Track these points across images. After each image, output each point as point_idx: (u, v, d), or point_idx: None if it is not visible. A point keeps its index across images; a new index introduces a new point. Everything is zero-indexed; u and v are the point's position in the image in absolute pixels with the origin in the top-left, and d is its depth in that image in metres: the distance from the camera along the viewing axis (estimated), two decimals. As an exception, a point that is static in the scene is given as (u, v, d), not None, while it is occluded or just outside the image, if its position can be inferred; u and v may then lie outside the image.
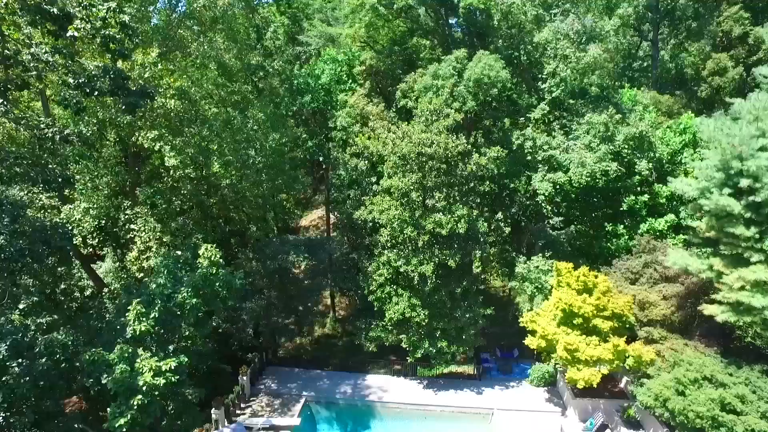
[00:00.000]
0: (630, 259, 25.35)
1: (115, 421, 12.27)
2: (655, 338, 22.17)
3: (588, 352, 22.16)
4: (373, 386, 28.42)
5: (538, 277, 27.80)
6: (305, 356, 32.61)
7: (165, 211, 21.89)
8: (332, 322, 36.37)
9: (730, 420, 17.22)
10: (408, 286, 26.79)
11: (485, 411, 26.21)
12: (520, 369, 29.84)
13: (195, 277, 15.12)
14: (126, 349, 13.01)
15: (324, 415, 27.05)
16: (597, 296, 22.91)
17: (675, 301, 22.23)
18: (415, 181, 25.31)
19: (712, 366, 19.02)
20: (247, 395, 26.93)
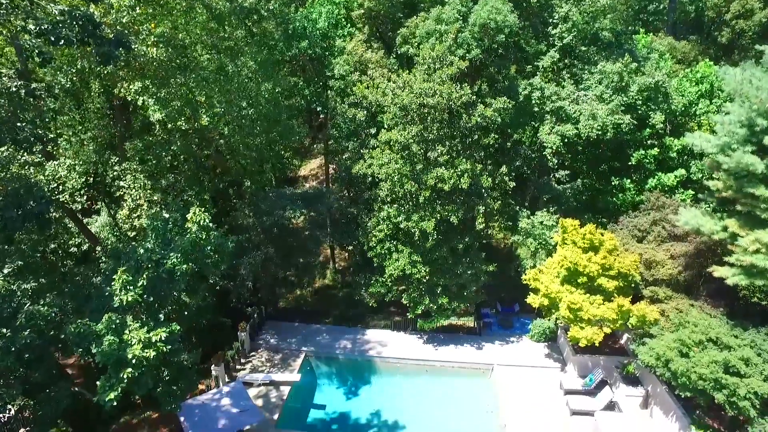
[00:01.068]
0: (638, 216, 24.54)
1: (105, 394, 11.92)
2: (660, 298, 21.73)
3: (591, 312, 21.82)
4: (372, 341, 28.43)
5: (542, 232, 27.11)
6: (305, 307, 32.60)
7: (155, 166, 20.86)
8: (332, 274, 36.17)
9: (733, 382, 17.00)
10: (408, 242, 26.18)
11: (485, 366, 26.29)
12: (521, 324, 29.76)
13: (184, 242, 14.37)
14: (114, 320, 12.45)
15: (324, 370, 27.19)
16: (603, 255, 22.29)
17: (683, 260, 21.62)
18: (416, 133, 24.09)
19: (717, 328, 18.65)
20: (246, 350, 26.98)
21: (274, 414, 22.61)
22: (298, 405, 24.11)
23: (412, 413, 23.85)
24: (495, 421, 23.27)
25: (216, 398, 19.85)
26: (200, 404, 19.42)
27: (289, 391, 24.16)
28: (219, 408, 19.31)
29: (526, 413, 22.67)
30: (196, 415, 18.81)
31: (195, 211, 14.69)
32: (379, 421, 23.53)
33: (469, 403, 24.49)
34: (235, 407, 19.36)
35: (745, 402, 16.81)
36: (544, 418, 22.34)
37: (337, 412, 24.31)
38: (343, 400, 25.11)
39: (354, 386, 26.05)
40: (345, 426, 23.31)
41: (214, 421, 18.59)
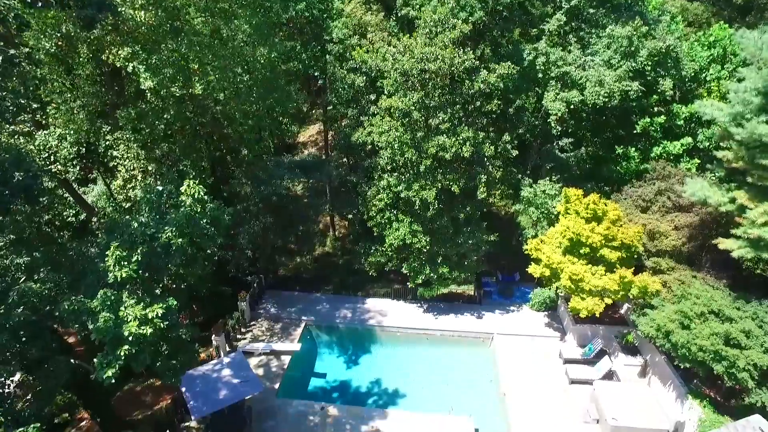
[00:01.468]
0: (642, 186, 24.07)
1: (103, 372, 11.80)
2: (662, 269, 21.53)
3: (593, 283, 21.66)
4: (373, 310, 28.47)
5: (545, 202, 26.72)
6: (306, 275, 32.60)
7: (149, 135, 20.25)
8: (332, 241, 36.02)
9: (733, 354, 16.96)
10: (409, 212, 25.83)
11: (485, 335, 26.39)
12: (521, 292, 29.75)
13: (179, 215, 13.99)
14: (109, 296, 12.22)
15: (324, 339, 27.31)
16: (606, 225, 21.96)
17: (687, 231, 21.30)
18: (417, 100, 23.37)
19: (720, 300, 18.49)
20: (247, 320, 27.04)
21: (275, 383, 22.81)
22: (298, 374, 24.29)
23: (412, 382, 24.06)
24: (494, 389, 23.49)
25: (217, 369, 19.92)
26: (201, 375, 19.50)
27: (290, 360, 24.31)
28: (220, 378, 19.40)
29: (525, 382, 22.85)
30: (197, 386, 18.91)
31: (189, 183, 14.24)
32: (379, 390, 23.75)
33: (469, 372, 24.67)
34: (235, 378, 19.44)
35: (744, 373, 16.83)
36: (543, 387, 22.53)
37: (337, 381, 24.53)
38: (344, 369, 25.30)
39: (354, 355, 26.21)
40: (345, 394, 23.53)
41: (215, 392, 18.70)
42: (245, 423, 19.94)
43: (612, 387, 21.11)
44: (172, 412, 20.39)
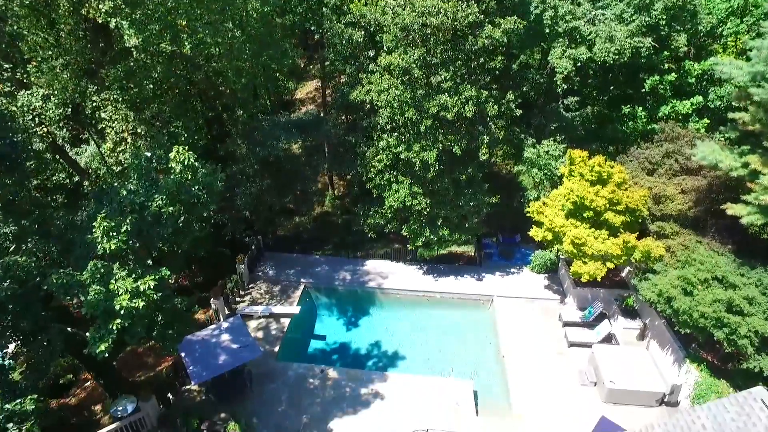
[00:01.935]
0: (650, 147, 23.33)
1: (96, 346, 11.58)
2: (666, 233, 21.13)
3: (596, 247, 21.31)
4: (372, 272, 28.35)
5: (548, 163, 26.05)
6: (305, 235, 32.41)
7: (137, 95, 19.34)
8: (331, 200, 35.65)
9: (735, 321, 16.81)
10: (409, 173, 25.22)
11: (485, 298, 26.34)
12: (522, 254, 29.55)
13: (169, 182, 13.43)
14: (99, 268, 11.85)
15: (323, 301, 27.31)
16: (611, 189, 21.40)
17: (693, 195, 20.76)
18: (418, 57, 22.29)
19: (724, 266, 18.19)
20: (245, 283, 26.94)
21: (274, 346, 22.91)
22: (298, 337, 24.39)
23: (412, 344, 24.19)
24: (494, 352, 23.62)
25: (215, 334, 19.89)
26: (200, 340, 19.48)
27: (289, 323, 24.34)
28: (219, 344, 19.39)
29: (524, 345, 22.94)
30: (196, 351, 18.93)
31: (178, 150, 13.58)
32: (378, 352, 23.90)
33: (468, 334, 24.76)
34: (234, 343, 19.43)
35: (745, 340, 16.73)
36: (542, 350, 22.62)
37: (337, 343, 24.65)
38: (343, 332, 25.40)
39: (354, 317, 26.26)
40: (345, 357, 23.69)
41: (214, 357, 18.73)
42: (245, 386, 20.11)
43: (610, 350, 21.18)
44: (172, 376, 20.55)
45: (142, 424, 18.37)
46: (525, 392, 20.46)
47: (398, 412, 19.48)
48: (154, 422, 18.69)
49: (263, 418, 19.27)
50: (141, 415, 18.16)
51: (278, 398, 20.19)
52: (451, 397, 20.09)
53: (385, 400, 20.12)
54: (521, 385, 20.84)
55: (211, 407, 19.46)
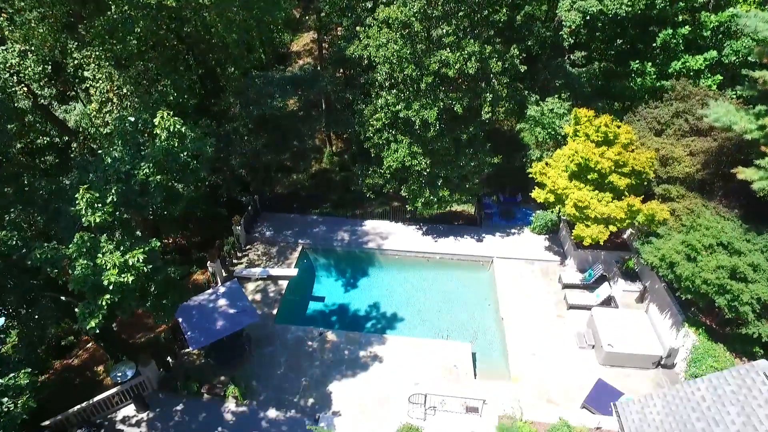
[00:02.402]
0: (659, 106, 22.38)
1: (86, 322, 11.28)
2: (672, 196, 20.58)
3: (599, 210, 20.84)
4: (371, 232, 28.02)
5: (552, 121, 25.15)
6: (302, 192, 31.97)
7: (121, 51, 18.24)
8: (329, 157, 34.98)
9: (738, 288, 16.56)
10: (408, 132, 24.38)
11: (485, 259, 26.13)
12: (523, 214, 29.16)
13: (155, 149, 12.74)
14: (85, 240, 11.38)
15: (322, 262, 27.11)
16: (617, 150, 20.67)
17: (702, 158, 20.05)
18: (418, 9, 20.99)
19: (731, 232, 17.76)
20: (242, 244, 26.66)
21: (272, 309, 22.85)
22: (296, 299, 24.33)
23: (411, 306, 24.18)
24: (493, 313, 23.62)
25: (212, 299, 19.73)
26: (197, 305, 19.34)
27: (287, 285, 24.21)
28: (216, 309, 19.26)
29: (523, 307, 22.89)
30: (194, 317, 18.82)
31: (162, 115, 12.79)
32: (377, 314, 23.90)
33: (468, 295, 24.71)
34: (232, 308, 19.30)
35: (746, 307, 16.54)
36: (541, 312, 22.59)
37: (335, 305, 24.62)
38: (342, 293, 25.33)
39: (352, 279, 26.14)
40: (344, 319, 23.70)
41: (211, 322, 18.64)
42: (244, 350, 20.16)
43: (609, 313, 21.11)
44: (171, 339, 20.56)
45: (143, 387, 18.50)
46: (523, 355, 20.54)
47: (397, 374, 19.60)
48: (154, 386, 18.84)
49: (263, 381, 19.41)
50: (141, 378, 18.27)
51: (277, 361, 20.28)
52: (450, 359, 20.18)
53: (383, 363, 20.22)
54: (520, 347, 20.90)
55: (210, 370, 19.58)
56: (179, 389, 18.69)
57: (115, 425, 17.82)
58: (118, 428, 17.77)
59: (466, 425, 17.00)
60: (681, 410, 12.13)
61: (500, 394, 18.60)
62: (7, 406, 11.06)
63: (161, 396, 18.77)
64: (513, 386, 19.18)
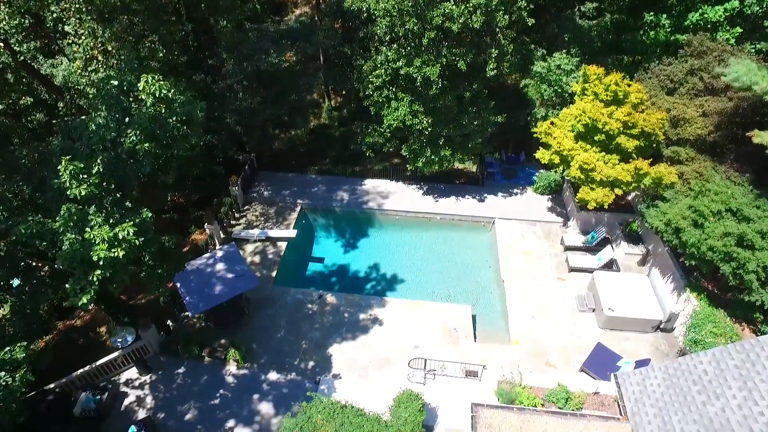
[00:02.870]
0: (673, 63, 21.29)
1: (77, 298, 10.99)
2: (681, 159, 19.92)
3: (605, 172, 20.25)
4: (371, 192, 27.54)
5: (559, 78, 24.13)
6: (301, 148, 31.29)
7: (102, 3, 17.04)
8: (327, 111, 34.06)
9: (744, 256, 16.22)
10: (409, 89, 23.41)
11: (486, 220, 25.78)
12: (526, 174, 28.58)
13: (141, 116, 12.02)
14: (73, 213, 10.90)
15: (321, 222, 26.78)
16: (627, 110, 19.84)
17: (715, 119, 19.22)
18: (421, -44, 19.60)
19: (740, 198, 17.23)
20: (240, 204, 26.23)
21: (271, 271, 22.71)
22: (295, 261, 24.15)
23: (411, 267, 24.04)
24: (493, 275, 23.51)
25: (210, 263, 19.51)
26: (195, 270, 19.14)
27: (286, 246, 23.97)
28: (214, 273, 19.07)
29: (524, 269, 22.72)
30: (192, 282, 18.66)
31: (147, 79, 11.96)
32: (377, 275, 23.79)
33: (468, 257, 24.54)
34: (230, 272, 19.11)
35: (752, 275, 16.25)
36: (542, 275, 22.44)
37: (335, 266, 24.49)
38: (341, 254, 25.14)
39: (352, 240, 25.90)
40: (343, 280, 23.62)
41: (210, 287, 18.49)
42: (244, 313, 20.16)
43: (610, 277, 20.92)
44: (171, 302, 20.50)
45: (144, 351, 18.60)
46: (523, 317, 20.53)
47: (397, 337, 19.66)
48: (155, 349, 18.93)
49: (263, 344, 19.50)
50: (142, 342, 18.32)
51: (277, 324, 20.31)
52: (450, 322, 20.20)
53: (383, 326, 20.26)
54: (520, 309, 20.87)
55: (210, 333, 19.64)
56: (180, 353, 18.79)
57: (119, 387, 18.03)
58: (121, 390, 17.99)
59: (466, 390, 17.17)
60: (682, 383, 12.09)
61: (500, 358, 18.70)
62: (4, 380, 10.97)
63: (163, 359, 18.91)
64: (513, 349, 19.26)
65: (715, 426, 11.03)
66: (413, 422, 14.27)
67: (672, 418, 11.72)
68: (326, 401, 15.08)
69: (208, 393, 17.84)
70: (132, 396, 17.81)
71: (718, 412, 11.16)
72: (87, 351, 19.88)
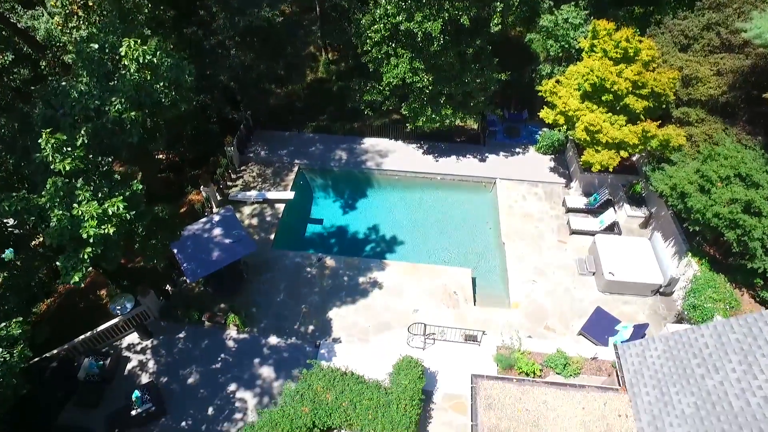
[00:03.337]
0: (689, 17, 20.17)
1: (69, 277, 10.69)
2: (690, 120, 19.25)
3: (611, 134, 19.62)
4: (370, 151, 26.92)
5: (566, 33, 23.01)
6: (298, 104, 30.39)
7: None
8: (324, 65, 32.88)
9: (751, 224, 15.92)
10: (410, 45, 22.35)
11: (487, 180, 25.31)
12: (528, 132, 27.87)
13: (125, 82, 11.30)
14: (59, 187, 10.43)
15: (319, 183, 26.29)
16: (637, 69, 18.97)
17: (730, 78, 18.40)
18: None
19: (750, 163, 16.72)
20: (236, 165, 25.65)
21: (269, 234, 22.47)
22: (293, 223, 23.85)
23: (410, 229, 23.80)
24: (494, 237, 23.30)
25: (207, 228, 19.20)
26: (192, 235, 18.85)
27: (284, 208, 23.62)
28: (211, 239, 18.79)
29: (525, 231, 22.49)
30: (189, 247, 18.40)
31: (130, 44, 11.13)
32: (376, 237, 23.58)
33: (469, 218, 24.25)
34: (227, 237, 18.82)
35: (756, 243, 16.02)
36: (543, 237, 22.23)
37: (334, 228, 24.23)
38: (340, 215, 24.82)
39: (351, 200, 25.51)
40: (342, 243, 23.41)
41: (207, 253, 18.25)
42: (243, 277, 20.07)
43: (612, 240, 20.71)
44: (169, 266, 20.34)
45: (144, 317, 18.63)
46: (523, 280, 20.47)
47: (396, 301, 19.67)
48: (155, 314, 18.95)
49: (262, 308, 19.51)
50: (142, 308, 18.31)
51: (276, 288, 20.27)
52: (450, 285, 20.15)
53: (383, 289, 20.22)
54: (520, 272, 20.79)
55: (210, 298, 19.61)
56: (180, 318, 18.83)
57: (121, 353, 18.16)
58: (124, 355, 18.13)
59: (465, 355, 17.31)
60: (682, 355, 12.08)
61: (499, 321, 18.77)
62: (2, 356, 10.89)
63: (163, 324, 18.96)
64: (512, 312, 19.30)
65: (713, 398, 11.09)
66: (413, 389, 14.43)
67: (670, 390, 11.79)
68: (326, 368, 15.20)
69: (209, 357, 18.00)
70: (134, 360, 17.98)
71: (717, 385, 11.19)
72: (88, 314, 19.96)
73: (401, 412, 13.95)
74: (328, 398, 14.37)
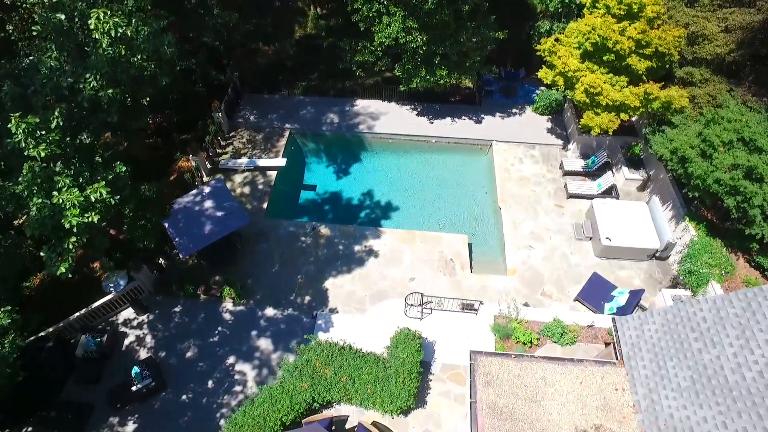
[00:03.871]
0: (698, -31, 19.09)
1: (55, 268, 10.28)
2: (694, 80, 18.58)
3: (612, 96, 18.97)
4: (362, 113, 26.14)
5: (568, -14, 21.83)
6: (287, 62, 29.24)
7: None
8: (313, 20, 31.48)
9: (751, 191, 15.65)
10: (402, 3, 21.21)
11: (483, 142, 24.75)
12: (525, 91, 27.07)
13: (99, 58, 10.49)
14: (37, 173, 9.86)
15: (311, 147, 25.61)
16: (641, 27, 18.10)
17: (738, 35, 17.60)
18: None
19: (754, 126, 16.25)
20: (225, 131, 24.85)
21: (262, 203, 22.02)
22: (286, 190, 23.37)
23: (405, 194, 23.43)
24: (490, 201, 23.00)
25: (198, 201, 18.73)
26: (182, 208, 18.40)
27: (276, 176, 23.08)
28: (203, 212, 18.37)
29: (522, 195, 22.19)
30: (180, 221, 17.99)
31: (99, 15, 10.17)
32: (371, 203, 23.22)
33: (464, 182, 23.87)
34: (219, 210, 18.40)
35: (756, 210, 15.83)
36: (540, 201, 21.97)
37: (327, 194, 23.79)
38: (333, 181, 24.33)
39: (344, 165, 24.95)
40: (337, 209, 23.04)
41: (199, 227, 17.88)
42: (236, 249, 19.80)
43: (609, 205, 20.46)
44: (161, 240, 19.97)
45: (139, 291, 18.44)
46: (520, 246, 20.35)
47: (392, 269, 19.54)
48: (150, 288, 18.76)
49: (257, 279, 19.35)
50: (136, 283, 18.09)
51: (270, 258, 20.04)
52: (446, 251, 20.01)
53: (379, 258, 20.05)
54: (516, 238, 20.63)
55: (204, 271, 19.39)
56: (175, 292, 18.67)
57: (117, 328, 18.09)
58: (121, 331, 18.06)
59: (462, 324, 17.36)
60: (680, 329, 12.07)
61: (496, 288, 18.77)
62: (-8, 347, 10.69)
63: (159, 298, 18.80)
64: (508, 279, 19.27)
65: (708, 372, 11.16)
66: (411, 363, 14.51)
67: (667, 364, 11.85)
68: (324, 343, 15.21)
69: (206, 330, 17.97)
70: (131, 336, 17.92)
71: (713, 359, 11.24)
72: (83, 287, 19.73)
73: (400, 386, 14.07)
74: (327, 374, 14.45)
